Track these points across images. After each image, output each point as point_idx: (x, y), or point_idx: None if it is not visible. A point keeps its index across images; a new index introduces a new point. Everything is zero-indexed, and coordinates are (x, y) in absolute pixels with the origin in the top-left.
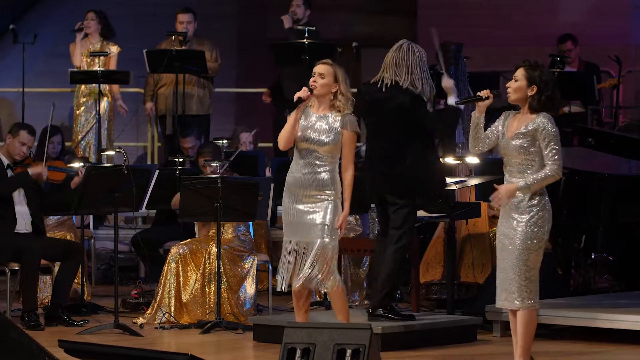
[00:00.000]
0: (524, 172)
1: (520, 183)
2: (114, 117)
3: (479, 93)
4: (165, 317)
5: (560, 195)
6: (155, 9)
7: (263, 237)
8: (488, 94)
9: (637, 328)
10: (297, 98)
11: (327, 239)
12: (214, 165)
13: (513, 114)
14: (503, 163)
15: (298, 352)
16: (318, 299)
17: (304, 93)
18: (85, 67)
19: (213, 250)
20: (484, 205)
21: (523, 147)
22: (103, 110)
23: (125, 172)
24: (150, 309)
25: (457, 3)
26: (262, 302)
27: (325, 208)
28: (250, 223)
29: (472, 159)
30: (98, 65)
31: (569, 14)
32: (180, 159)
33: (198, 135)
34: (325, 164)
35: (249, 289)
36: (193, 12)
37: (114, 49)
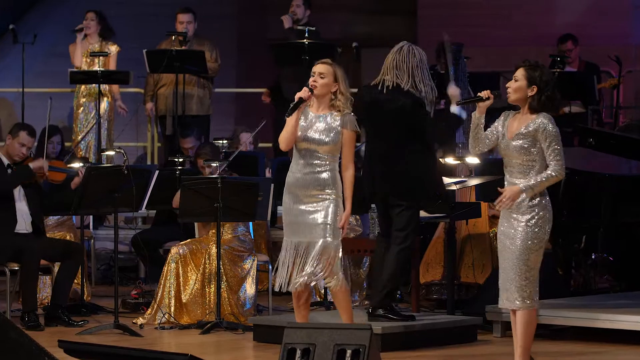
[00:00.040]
0: (525, 172)
1: (524, 184)
2: (114, 117)
3: (480, 94)
4: (165, 317)
5: (561, 196)
6: (155, 9)
7: (263, 237)
8: (488, 95)
9: (637, 328)
10: (298, 98)
11: (329, 238)
12: (214, 166)
13: (513, 114)
14: (503, 163)
15: (298, 352)
16: (318, 299)
17: (305, 93)
18: (85, 67)
19: (213, 251)
20: (484, 206)
21: (524, 147)
22: (103, 111)
23: (125, 172)
24: (150, 309)
25: (457, 3)
26: (262, 302)
27: (327, 207)
28: (250, 223)
29: (472, 159)
30: (98, 66)
31: (569, 14)
32: (180, 159)
33: (198, 136)
34: (326, 164)
35: (249, 289)
36: (193, 12)
37: (113, 49)
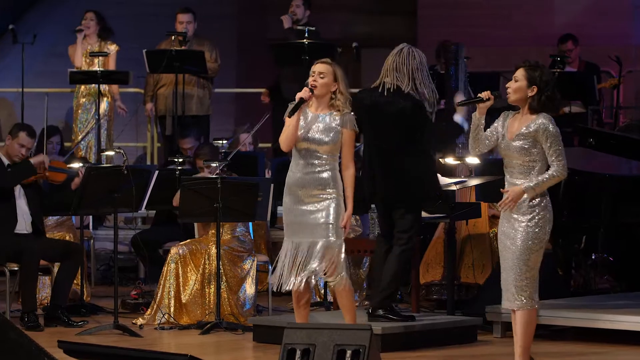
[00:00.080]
0: (526, 173)
1: (526, 185)
2: (114, 117)
3: (480, 95)
4: (165, 317)
5: (561, 196)
6: (155, 9)
7: (263, 237)
8: (489, 96)
9: (637, 329)
10: (299, 98)
11: (332, 238)
12: (213, 166)
13: (512, 115)
14: (503, 164)
15: (298, 352)
16: (318, 300)
17: (306, 93)
18: (85, 67)
19: (213, 251)
20: (484, 206)
21: (524, 148)
22: (103, 111)
23: (125, 172)
24: (150, 310)
25: (457, 3)
26: (261, 302)
27: (328, 207)
28: (250, 223)
29: (472, 160)
30: (97, 66)
31: (569, 14)
32: (180, 160)
33: (197, 136)
34: (326, 163)
35: (249, 290)
36: (193, 12)
37: (112, 48)
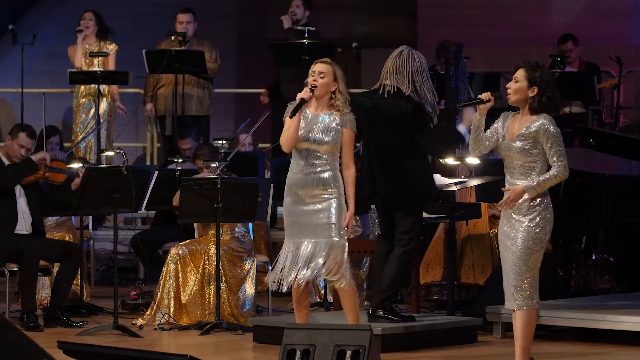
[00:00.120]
0: (526, 173)
1: (527, 184)
2: (114, 117)
3: (480, 96)
4: (165, 318)
5: (561, 196)
6: (155, 9)
7: (263, 238)
8: (489, 97)
9: (638, 329)
10: (299, 99)
11: (336, 238)
12: (213, 166)
13: (512, 115)
14: (504, 164)
15: (298, 353)
16: (318, 300)
17: (307, 94)
18: (85, 67)
19: (212, 251)
20: (484, 206)
21: (525, 149)
22: (102, 111)
23: (125, 172)
24: (150, 310)
25: (457, 3)
26: (261, 303)
27: (330, 207)
28: (250, 224)
29: (472, 160)
30: (97, 66)
31: (569, 14)
32: (180, 160)
33: (196, 137)
34: (326, 163)
35: (249, 290)
36: (193, 12)
37: (112, 47)
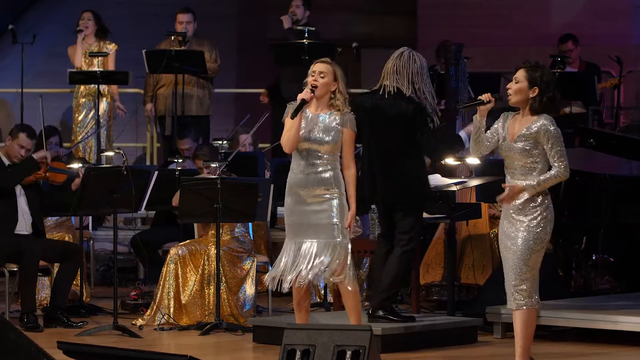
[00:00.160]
0: (527, 174)
1: (527, 183)
2: (114, 117)
3: (481, 97)
4: (165, 318)
5: (561, 196)
6: (155, 9)
7: (263, 238)
8: (489, 98)
9: (638, 330)
10: (300, 100)
11: (339, 238)
12: (213, 166)
13: (512, 115)
14: (504, 164)
15: (298, 353)
16: (318, 300)
17: (308, 94)
18: (85, 67)
19: (212, 252)
20: (485, 206)
21: (525, 149)
22: (102, 111)
23: (125, 173)
24: (150, 311)
25: (457, 3)
26: (261, 303)
27: (332, 207)
28: (250, 224)
29: (472, 160)
30: (97, 66)
31: (569, 14)
32: (180, 160)
33: (195, 137)
34: (327, 163)
35: (249, 290)
36: (193, 12)
37: (111, 47)
